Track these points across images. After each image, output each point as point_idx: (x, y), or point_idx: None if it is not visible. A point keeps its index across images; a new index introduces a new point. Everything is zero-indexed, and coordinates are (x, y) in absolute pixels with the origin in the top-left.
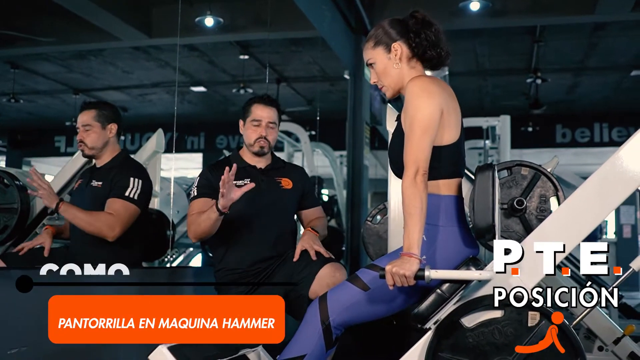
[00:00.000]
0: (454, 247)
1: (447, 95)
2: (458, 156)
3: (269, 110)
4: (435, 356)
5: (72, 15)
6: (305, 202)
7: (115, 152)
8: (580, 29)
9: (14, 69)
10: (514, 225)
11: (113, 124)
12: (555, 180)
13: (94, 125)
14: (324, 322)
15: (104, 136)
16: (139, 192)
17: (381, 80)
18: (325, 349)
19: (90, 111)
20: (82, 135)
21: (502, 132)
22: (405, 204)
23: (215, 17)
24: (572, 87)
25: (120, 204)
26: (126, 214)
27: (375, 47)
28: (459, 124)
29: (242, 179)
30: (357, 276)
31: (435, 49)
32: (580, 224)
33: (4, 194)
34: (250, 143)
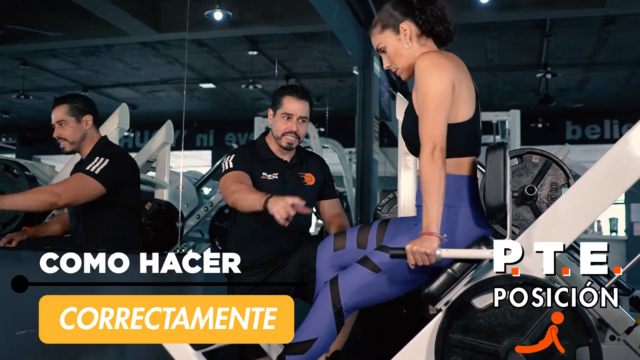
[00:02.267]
0: (465, 227)
1: (459, 69)
2: (473, 134)
3: (301, 104)
4: (446, 337)
5: (80, 10)
6: (323, 193)
7: (94, 142)
8: (590, 23)
9: (23, 66)
10: (525, 214)
11: (87, 115)
12: (566, 168)
13: (68, 120)
14: (335, 305)
15: (80, 129)
16: (102, 167)
17: (394, 63)
18: (337, 332)
19: (62, 106)
20: (59, 132)
21: (511, 126)
22: (423, 181)
23: (224, 11)
24: (582, 82)
25: (74, 176)
26: (76, 183)
27: (383, 31)
28: (473, 99)
29: (271, 172)
30: (367, 258)
31: (442, 23)
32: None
33: (14, 184)
34: (278, 136)
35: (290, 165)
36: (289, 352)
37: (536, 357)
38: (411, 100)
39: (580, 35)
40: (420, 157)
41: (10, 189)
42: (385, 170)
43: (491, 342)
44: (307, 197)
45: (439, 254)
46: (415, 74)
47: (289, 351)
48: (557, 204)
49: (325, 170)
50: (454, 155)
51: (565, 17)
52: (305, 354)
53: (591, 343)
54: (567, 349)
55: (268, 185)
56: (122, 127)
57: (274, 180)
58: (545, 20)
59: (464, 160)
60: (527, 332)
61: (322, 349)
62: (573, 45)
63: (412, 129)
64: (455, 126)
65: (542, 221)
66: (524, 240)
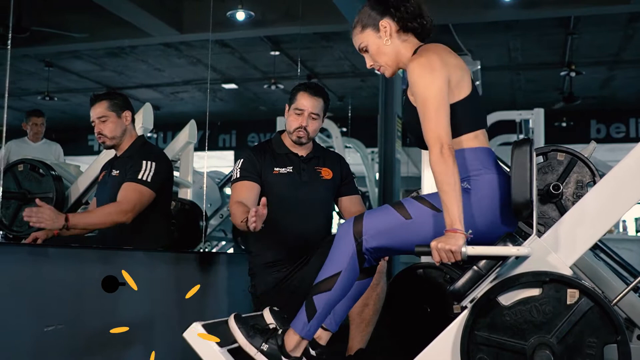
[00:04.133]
0: (495, 193)
1: (448, 57)
2: (475, 108)
3: (313, 101)
4: (472, 335)
5: (103, 11)
6: (343, 189)
7: (132, 139)
8: (615, 20)
9: (48, 67)
10: (550, 212)
11: (127, 111)
12: (592, 166)
13: (109, 115)
14: (356, 238)
15: (121, 124)
16: (152, 173)
17: (377, 61)
18: (358, 270)
19: (102, 102)
20: (100, 127)
21: (535, 125)
22: (437, 181)
23: (247, 11)
24: (606, 80)
25: (131, 187)
26: (137, 197)
27: (363, 31)
28: (469, 78)
29: (284, 166)
30: (401, 203)
31: (416, 19)
32: (618, 201)
33: (40, 184)
34: (290, 131)
35: (306, 160)
36: (316, 291)
37: (563, 355)
38: (407, 97)
39: (605, 33)
40: (430, 159)
41: (36, 189)
42: (408, 170)
43: (517, 339)
44: (323, 190)
45: (464, 251)
46: (409, 79)
47: (316, 290)
48: (582, 201)
49: (344, 167)
50: (466, 131)
51: (590, 15)
52: (332, 291)
53: (619, 340)
54: (595, 347)
55: (281, 179)
56: (146, 127)
57: (287, 173)
58: (570, 17)
59: (476, 133)
60: (554, 329)
61: (348, 285)
62: (598, 43)
63: (412, 121)
64: (457, 104)
65: (567, 218)
66: (549, 238)
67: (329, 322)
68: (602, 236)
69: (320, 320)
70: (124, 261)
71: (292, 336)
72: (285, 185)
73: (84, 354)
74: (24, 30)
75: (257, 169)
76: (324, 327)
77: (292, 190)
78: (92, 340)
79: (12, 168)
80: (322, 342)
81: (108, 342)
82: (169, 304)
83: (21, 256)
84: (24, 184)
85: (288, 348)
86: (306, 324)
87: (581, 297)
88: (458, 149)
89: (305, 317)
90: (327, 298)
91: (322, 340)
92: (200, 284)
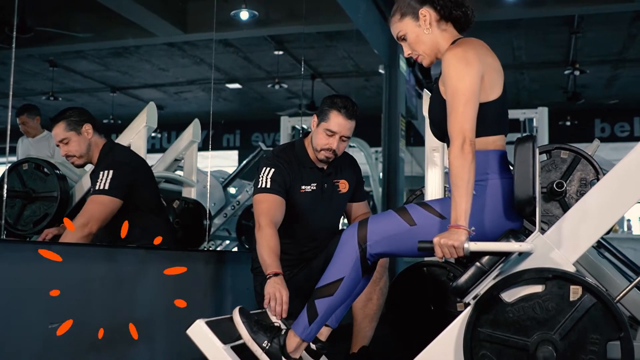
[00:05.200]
0: (504, 197)
1: (486, 56)
2: (503, 112)
3: (347, 123)
4: (475, 331)
5: (108, 11)
6: (354, 196)
7: (99, 148)
8: (620, 19)
9: (52, 67)
10: (554, 209)
11: (85, 124)
12: (596, 164)
13: (69, 136)
14: (360, 245)
15: (84, 140)
16: (109, 180)
17: (415, 49)
18: (362, 275)
19: (59, 124)
20: (65, 150)
21: (539, 124)
22: (452, 175)
23: (251, 10)
24: (611, 79)
25: (90, 200)
26: (93, 207)
27: (402, 19)
28: (502, 79)
29: (309, 183)
30: (405, 209)
31: (460, 8)
32: (621, 199)
33: (44, 183)
34: (317, 149)
35: (327, 174)
36: (318, 295)
37: (566, 351)
38: (437, 87)
39: (609, 32)
40: (450, 151)
41: (41, 188)
42: (412, 170)
43: (520, 336)
44: (340, 204)
45: (467, 247)
46: (443, 69)
47: (318, 295)
48: (585, 198)
49: (357, 172)
50: (489, 133)
51: (594, 13)
52: (334, 296)
53: (622, 337)
54: (598, 343)
55: (306, 199)
56: (150, 126)
57: (312, 191)
58: (574, 16)
59: (498, 138)
60: (557, 326)
61: (350, 290)
62: (602, 42)
63: (438, 112)
64: (487, 105)
65: (570, 216)
66: (552, 235)
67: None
68: (606, 234)
69: (321, 324)
70: (128, 259)
71: (292, 338)
72: (308, 204)
73: (88, 351)
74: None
75: (286, 184)
76: (325, 324)
77: (312, 208)
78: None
79: (17, 167)
80: (323, 337)
81: (113, 339)
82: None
83: (26, 254)
84: (29, 183)
85: (289, 349)
86: (307, 327)
87: (584, 293)
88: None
89: (306, 320)
90: (329, 303)
91: (323, 335)
92: (204, 281)
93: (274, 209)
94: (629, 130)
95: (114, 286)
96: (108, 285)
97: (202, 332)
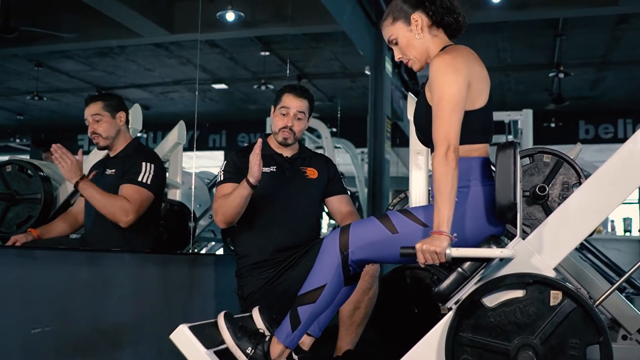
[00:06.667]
0: (486, 204)
1: (474, 64)
2: (488, 120)
3: (298, 101)
4: (457, 336)
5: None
6: (331, 188)
7: (127, 141)
8: (604, 22)
9: (37, 67)
10: (536, 213)
11: (121, 112)
12: (578, 167)
13: (104, 115)
14: (342, 251)
15: (115, 125)
16: (152, 175)
17: (406, 54)
18: (343, 282)
19: (97, 102)
20: (94, 127)
21: (524, 126)
22: (436, 181)
23: (236, 12)
24: (595, 82)
25: (133, 189)
26: (139, 199)
27: (394, 23)
28: (488, 87)
29: (268, 166)
30: (387, 217)
31: (452, 14)
32: (603, 203)
33: (28, 185)
34: (275, 131)
35: (291, 160)
36: (300, 303)
37: (547, 355)
38: (424, 92)
39: (593, 34)
40: (434, 157)
41: (25, 190)
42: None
43: (501, 340)
44: (309, 189)
45: (449, 253)
46: (430, 75)
47: (300, 302)
48: (567, 202)
49: (331, 168)
50: (474, 141)
51: (579, 16)
52: (317, 303)
53: (601, 341)
54: (578, 348)
55: (264, 179)
56: (135, 128)
57: (271, 172)
58: (558, 19)
59: (482, 146)
60: (537, 330)
61: (332, 296)
62: (586, 45)
63: (424, 118)
64: (472, 113)
65: (552, 220)
66: (533, 240)
67: (312, 328)
68: (587, 237)
69: (304, 331)
70: (111, 263)
71: (276, 345)
72: (269, 185)
73: (71, 355)
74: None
75: (240, 171)
76: (308, 332)
77: (276, 190)
78: (80, 342)
79: (0, 169)
80: (305, 347)
81: (96, 343)
82: (157, 305)
83: (9, 258)
84: (12, 185)
85: (272, 356)
86: (290, 334)
87: (564, 298)
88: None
89: (289, 327)
90: (312, 310)
91: (305, 345)
92: (188, 285)
93: (227, 191)
94: (613, 132)
95: (98, 290)
96: (92, 289)
97: (185, 336)
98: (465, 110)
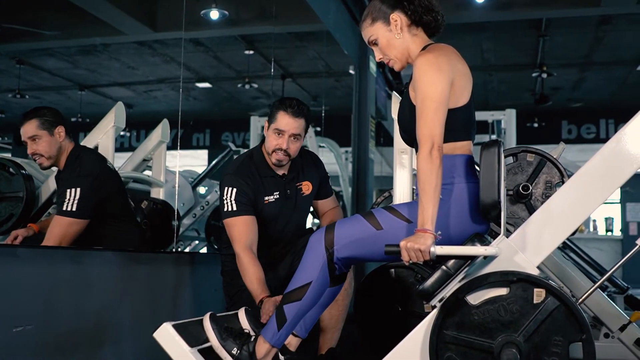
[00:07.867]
0: (470, 201)
1: (456, 62)
2: (470, 118)
3: (294, 122)
4: (441, 334)
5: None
6: (320, 193)
7: (67, 153)
8: (586, 23)
9: (19, 65)
10: (520, 212)
11: (59, 126)
12: (561, 167)
13: (41, 134)
14: (327, 249)
15: (55, 141)
16: (77, 200)
17: (387, 54)
18: (329, 281)
19: (31, 121)
20: (33, 148)
21: (507, 125)
22: (420, 180)
23: (221, 10)
24: (578, 82)
25: (56, 221)
26: (61, 231)
27: (373, 23)
28: (470, 87)
29: (272, 193)
30: (372, 214)
31: (430, 13)
32: (585, 202)
33: (10, 183)
34: (269, 152)
35: (289, 180)
36: (286, 301)
37: (530, 353)
38: (408, 92)
39: (576, 35)
40: (418, 156)
41: (7, 188)
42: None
43: (485, 338)
44: (305, 205)
45: (433, 251)
46: (414, 75)
47: (286, 300)
48: (550, 201)
49: (321, 169)
50: (457, 139)
51: (561, 17)
52: (302, 301)
53: (584, 339)
54: (561, 345)
55: (271, 209)
56: (118, 126)
57: (275, 200)
58: (541, 20)
59: (465, 143)
60: (521, 328)
61: (318, 294)
62: (569, 45)
63: (408, 117)
64: (456, 111)
65: (534, 219)
66: (517, 238)
67: (299, 328)
68: (570, 236)
69: (290, 330)
70: (95, 261)
71: (262, 344)
72: (273, 212)
73: (53, 355)
74: None
75: (251, 200)
76: (294, 333)
77: (277, 215)
78: (62, 340)
79: None
80: (292, 348)
81: (78, 342)
82: (140, 304)
83: None
84: None
85: (258, 356)
86: (276, 333)
87: (547, 296)
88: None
89: (275, 326)
90: (298, 308)
91: (292, 346)
92: (172, 284)
93: (246, 231)
94: (595, 132)
95: (81, 289)
96: (74, 288)
97: (168, 335)
98: (449, 108)
